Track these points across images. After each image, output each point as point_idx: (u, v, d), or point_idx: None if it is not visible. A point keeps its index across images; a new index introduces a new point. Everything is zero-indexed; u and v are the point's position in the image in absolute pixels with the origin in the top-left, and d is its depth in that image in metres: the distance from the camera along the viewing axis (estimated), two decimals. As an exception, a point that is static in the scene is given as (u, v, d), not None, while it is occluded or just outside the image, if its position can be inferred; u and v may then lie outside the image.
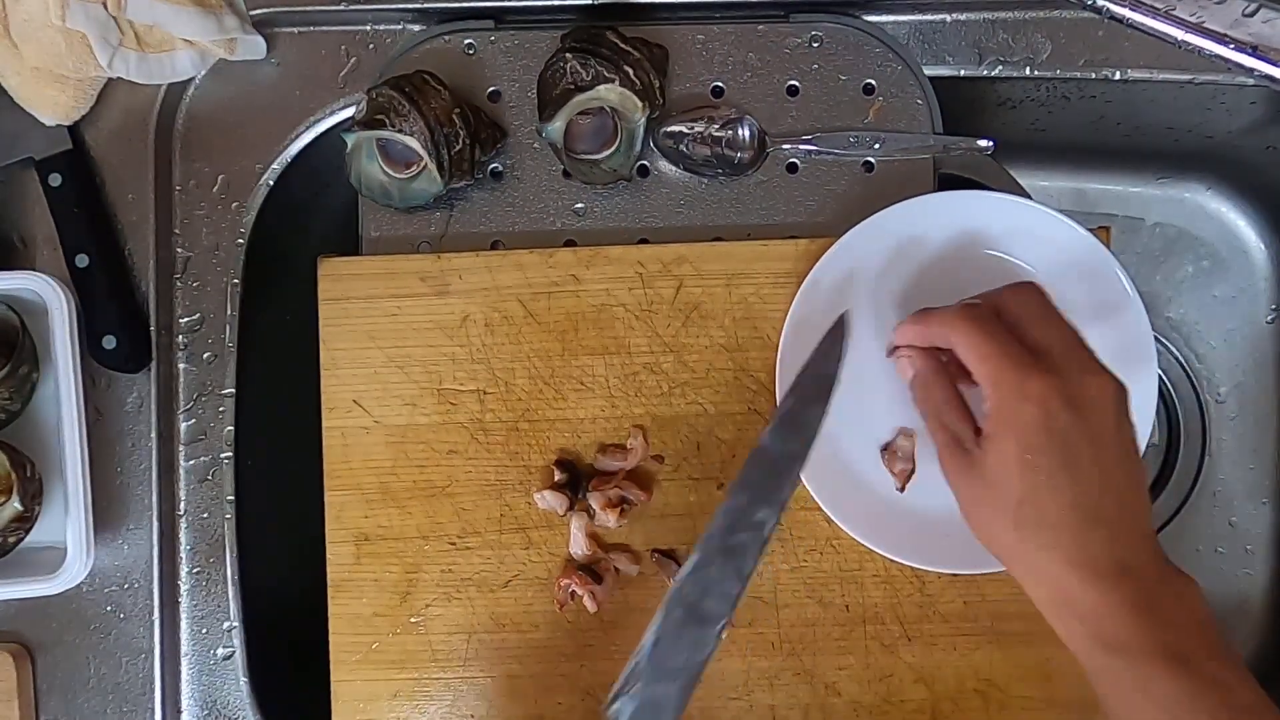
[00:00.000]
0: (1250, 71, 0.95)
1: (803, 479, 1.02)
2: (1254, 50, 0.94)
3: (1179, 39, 0.95)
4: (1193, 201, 1.44)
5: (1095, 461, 0.84)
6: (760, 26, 1.10)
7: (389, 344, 1.06)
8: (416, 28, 1.12)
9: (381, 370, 1.06)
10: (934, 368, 0.95)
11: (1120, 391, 0.87)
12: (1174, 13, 0.94)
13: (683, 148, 1.08)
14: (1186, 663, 0.79)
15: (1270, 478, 1.41)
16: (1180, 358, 1.43)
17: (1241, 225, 1.44)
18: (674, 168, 1.09)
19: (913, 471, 1.04)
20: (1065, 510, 0.83)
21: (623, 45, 1.04)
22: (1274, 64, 0.94)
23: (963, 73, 1.13)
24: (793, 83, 1.10)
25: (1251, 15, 0.94)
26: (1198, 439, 1.42)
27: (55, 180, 1.08)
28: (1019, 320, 0.89)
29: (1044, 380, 0.84)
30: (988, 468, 0.87)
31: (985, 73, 1.13)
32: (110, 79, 1.09)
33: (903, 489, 1.04)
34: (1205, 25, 0.94)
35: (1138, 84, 1.14)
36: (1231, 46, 0.94)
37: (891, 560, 1.04)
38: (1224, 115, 1.25)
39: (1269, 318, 1.43)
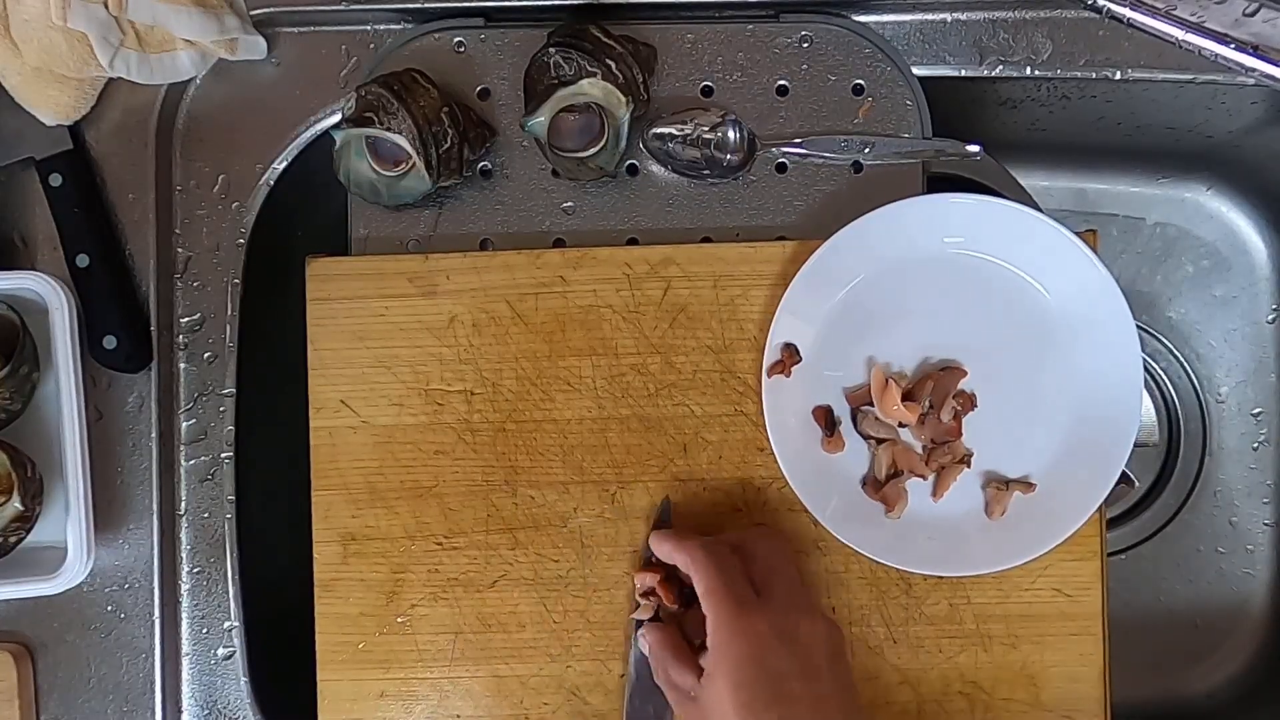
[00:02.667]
0: (1250, 71, 0.91)
1: (788, 480, 0.99)
2: (1254, 50, 0.91)
3: (1179, 39, 0.92)
4: (1193, 201, 1.41)
5: (808, 694, 0.83)
6: (749, 26, 1.06)
7: (377, 344, 1.03)
8: (407, 26, 1.08)
9: (369, 370, 1.03)
10: (666, 639, 0.94)
11: (835, 633, 0.88)
12: (1174, 13, 0.92)
13: (671, 149, 1.05)
14: None
15: (1270, 478, 1.38)
16: (1180, 358, 1.40)
17: (1241, 225, 1.40)
18: (663, 169, 1.05)
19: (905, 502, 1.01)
20: None
21: (606, 40, 1.00)
22: (1274, 64, 0.91)
23: (963, 73, 1.09)
24: (782, 83, 1.06)
25: (1252, 15, 0.91)
26: (1198, 439, 1.39)
27: (56, 180, 1.05)
28: (755, 559, 0.91)
29: (760, 619, 0.85)
30: (706, 703, 0.86)
31: (986, 73, 1.09)
32: (111, 79, 1.06)
33: (897, 517, 1.01)
34: (1206, 25, 0.91)
35: (1138, 84, 1.09)
36: (1232, 46, 0.91)
37: (877, 562, 1.00)
38: (1224, 115, 1.22)
39: (1269, 318, 1.39)
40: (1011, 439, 1.00)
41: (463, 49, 1.06)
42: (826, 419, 1.00)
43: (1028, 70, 1.08)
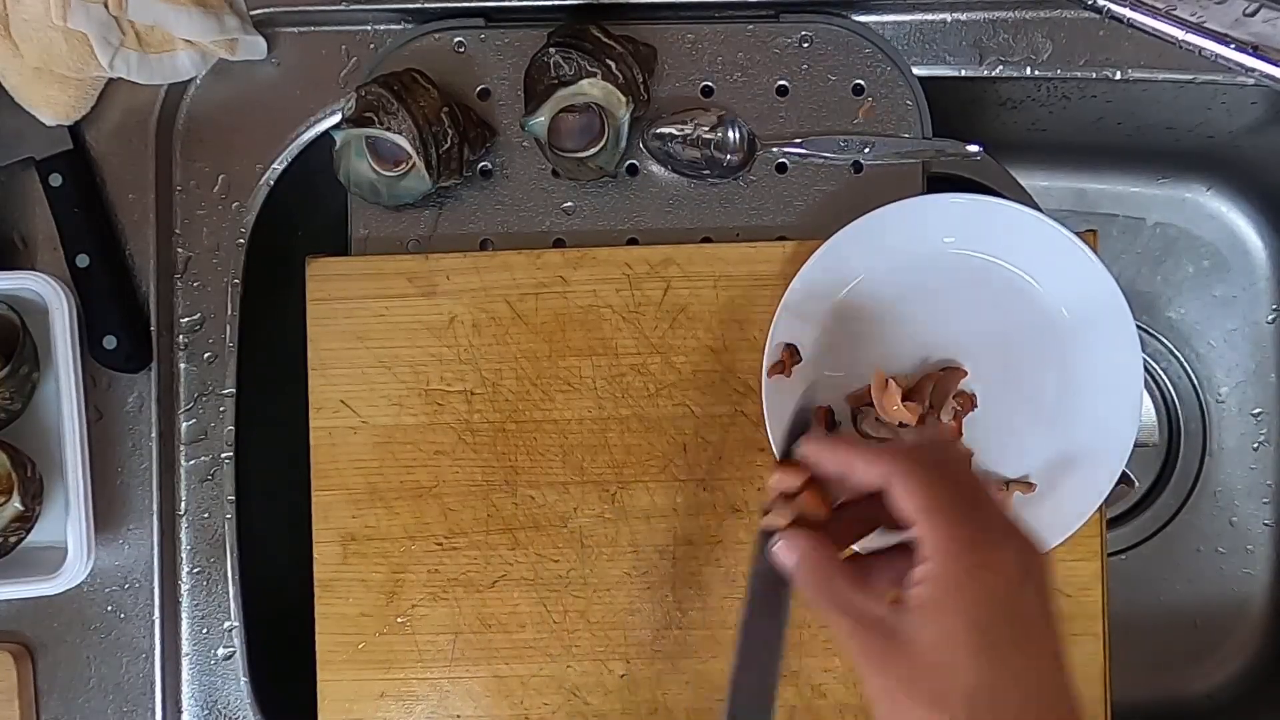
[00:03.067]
0: (1250, 71, 0.91)
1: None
2: (1255, 50, 0.90)
3: (1179, 39, 0.91)
4: (1193, 201, 1.40)
5: (1050, 644, 0.71)
6: (750, 26, 1.06)
7: (376, 344, 1.03)
8: (407, 26, 1.08)
9: (369, 370, 1.03)
10: (822, 546, 0.77)
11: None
12: (1174, 13, 0.91)
13: (671, 149, 1.05)
14: None
15: (1270, 478, 1.38)
16: (1180, 358, 1.40)
17: (1241, 225, 1.40)
18: (663, 169, 1.05)
19: None
20: (1029, 702, 0.69)
21: (606, 40, 1.00)
22: (1274, 64, 0.90)
23: (963, 73, 1.09)
24: (782, 83, 1.06)
25: (1252, 15, 0.91)
26: (1198, 439, 1.39)
27: (56, 180, 1.04)
28: (959, 480, 0.74)
29: (1003, 550, 0.70)
30: (923, 651, 0.69)
31: (986, 73, 1.08)
32: (111, 79, 1.05)
33: None
34: (1206, 25, 0.91)
35: (1138, 84, 1.09)
36: (1232, 46, 0.91)
37: None
38: (1224, 115, 1.21)
39: (1269, 318, 1.39)
40: (1012, 439, 1.00)
41: (463, 49, 1.06)
42: (827, 419, 1.00)
43: (1028, 70, 1.08)
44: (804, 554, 0.76)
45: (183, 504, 1.07)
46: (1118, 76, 1.07)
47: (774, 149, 1.05)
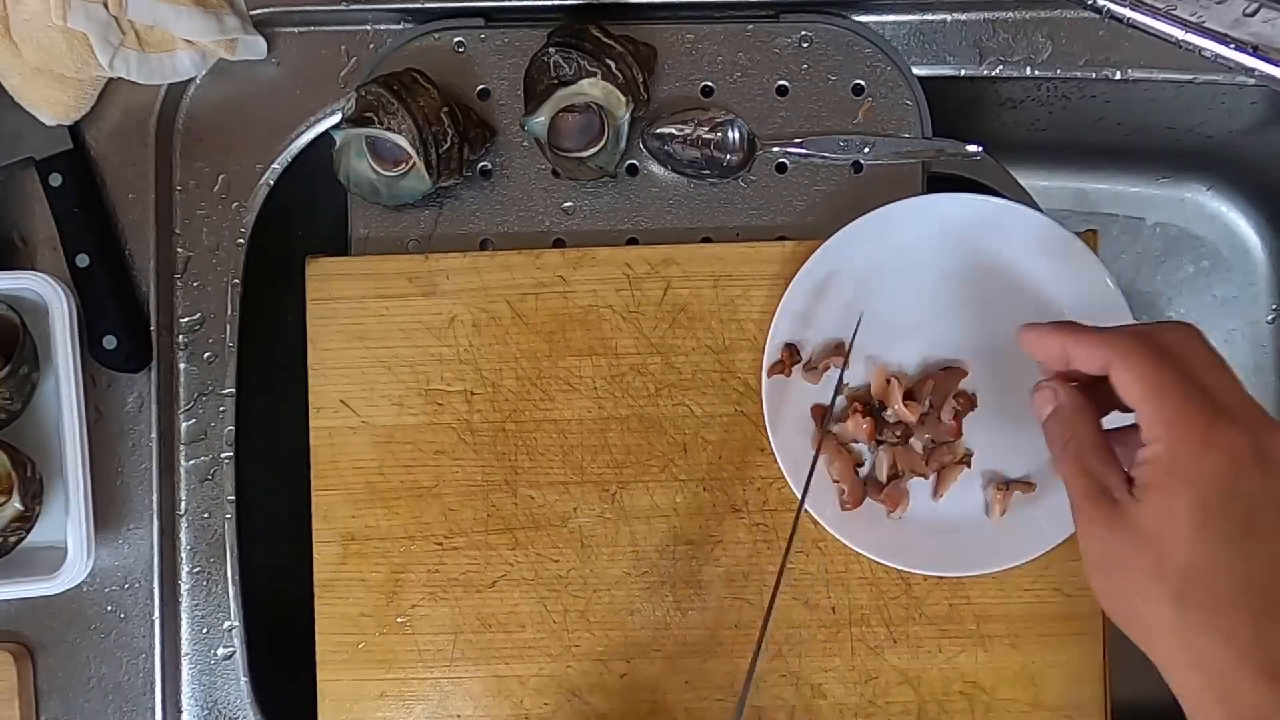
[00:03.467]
0: (1250, 71, 0.90)
1: (789, 481, 0.99)
2: (1254, 50, 0.90)
3: (1179, 39, 0.91)
4: (1193, 201, 1.40)
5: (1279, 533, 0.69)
6: (750, 26, 1.06)
7: (376, 344, 1.03)
8: (407, 26, 1.08)
9: (369, 370, 1.03)
10: (1081, 404, 0.78)
11: None
12: (1174, 13, 0.91)
13: (671, 149, 1.04)
14: None
15: (1271, 479, 1.35)
16: (1181, 358, 1.37)
17: (1241, 225, 1.39)
18: (663, 169, 1.05)
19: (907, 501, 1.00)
20: (1242, 590, 0.67)
21: (605, 40, 1.00)
22: (1274, 64, 0.90)
23: (963, 72, 1.09)
24: (782, 83, 1.06)
25: (1252, 15, 0.90)
26: (1198, 439, 1.36)
27: (56, 180, 1.04)
28: (1185, 359, 0.73)
29: (1233, 430, 0.69)
30: (1145, 524, 0.70)
31: (986, 72, 1.08)
32: (111, 79, 1.06)
33: (898, 517, 1.00)
34: (1206, 25, 0.90)
35: (1138, 84, 1.09)
36: (1232, 46, 0.90)
37: (877, 563, 1.00)
38: (1224, 115, 1.21)
39: (1269, 318, 1.39)
40: (1012, 439, 0.99)
41: (463, 49, 1.06)
42: (824, 418, 0.99)
43: (1028, 70, 1.08)
44: (1061, 404, 0.79)
45: (183, 504, 1.07)
46: (1118, 76, 1.07)
47: (774, 149, 1.04)
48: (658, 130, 1.04)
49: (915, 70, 1.06)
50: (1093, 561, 0.74)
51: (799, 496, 0.97)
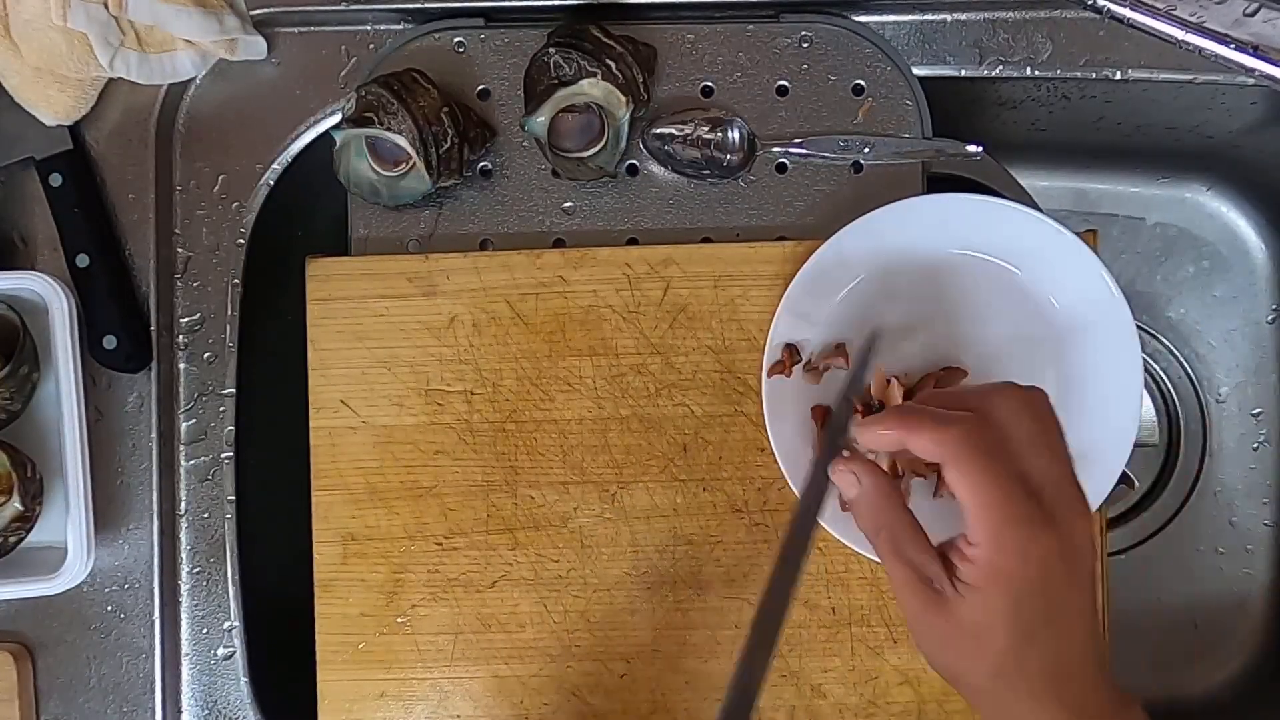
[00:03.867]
0: (1250, 71, 0.90)
1: (788, 480, 0.99)
2: (1255, 50, 0.90)
3: (1179, 39, 0.91)
4: (1193, 201, 1.40)
5: (1079, 612, 0.76)
6: (750, 26, 1.06)
7: (376, 344, 1.03)
8: (407, 26, 1.08)
9: (369, 370, 1.03)
10: (886, 491, 0.81)
11: (1096, 529, 0.81)
12: (1174, 13, 0.90)
13: (671, 149, 1.04)
14: None
15: (1270, 478, 1.38)
16: (1180, 358, 1.39)
17: (1241, 225, 1.40)
18: (663, 169, 1.05)
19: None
20: (1049, 666, 0.76)
21: (606, 40, 1.00)
22: (1274, 64, 0.90)
23: (963, 73, 1.09)
24: (782, 83, 1.06)
25: (1252, 15, 0.90)
26: (1198, 439, 1.38)
27: (56, 180, 1.04)
28: (1013, 440, 0.76)
29: (1046, 540, 0.74)
30: (964, 615, 0.76)
31: (986, 73, 1.08)
32: (111, 79, 1.06)
33: None
34: (1206, 25, 0.90)
35: (1138, 84, 1.09)
36: (1232, 46, 0.90)
37: (878, 563, 0.97)
38: (1224, 115, 1.21)
39: (1269, 318, 1.39)
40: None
41: (463, 49, 1.06)
42: (824, 418, 0.99)
43: (1028, 70, 1.08)
44: (868, 488, 0.81)
45: (183, 504, 1.07)
46: (1118, 76, 1.07)
47: (774, 149, 1.04)
48: (658, 130, 1.04)
49: (915, 70, 1.06)
50: (920, 639, 0.80)
51: (801, 498, 0.96)
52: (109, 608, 1.06)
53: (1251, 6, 0.90)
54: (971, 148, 1.05)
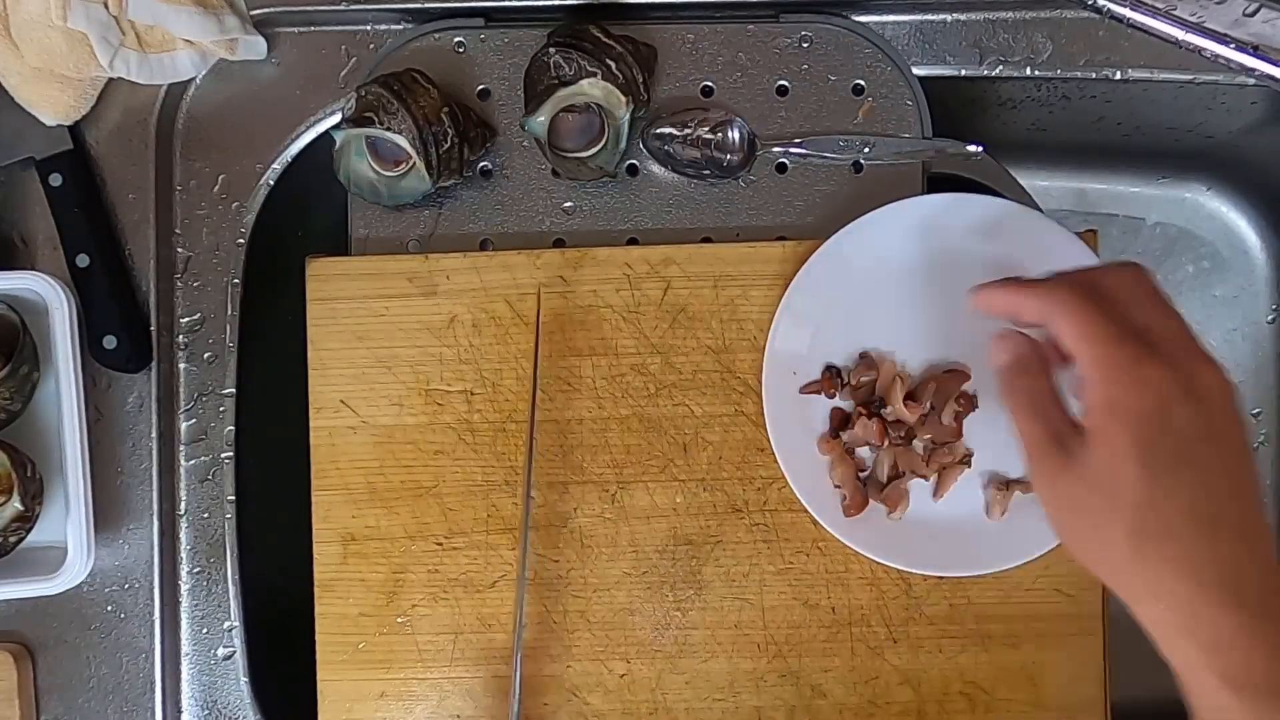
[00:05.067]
0: (1251, 71, 0.91)
1: (788, 480, 0.99)
2: (1255, 50, 0.90)
3: (1179, 39, 0.91)
4: (1193, 201, 1.40)
5: (1217, 461, 0.71)
6: (750, 26, 1.06)
7: (377, 344, 1.03)
8: (407, 26, 1.08)
9: (369, 370, 1.03)
10: (1035, 354, 0.80)
11: (1233, 387, 0.74)
12: (1174, 13, 0.91)
13: (671, 149, 1.04)
14: None
15: (1270, 478, 1.37)
16: (1180, 358, 1.37)
17: (1241, 225, 1.39)
18: (663, 169, 1.05)
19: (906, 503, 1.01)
20: (1190, 517, 0.70)
21: (606, 40, 1.00)
22: (1274, 64, 0.90)
23: (963, 72, 1.09)
24: (782, 83, 1.06)
25: (1252, 15, 0.91)
26: (1198, 439, 1.36)
27: (56, 180, 1.04)
28: (1122, 301, 0.75)
29: (1159, 367, 0.71)
30: (1093, 467, 0.73)
31: (986, 73, 1.08)
32: (111, 79, 1.06)
33: (898, 517, 1.00)
34: (1206, 25, 0.91)
35: (1138, 84, 1.09)
36: (1232, 46, 0.90)
37: (878, 562, 1.00)
38: (1224, 115, 1.21)
39: (1269, 318, 1.39)
40: (1012, 440, 0.99)
41: (463, 49, 1.06)
42: (832, 380, 0.99)
43: (1028, 70, 1.08)
44: (1018, 355, 0.81)
45: (182, 504, 1.07)
46: (1118, 76, 1.07)
47: (774, 149, 1.04)
48: (658, 130, 1.04)
49: (915, 70, 1.06)
50: (1053, 510, 0.77)
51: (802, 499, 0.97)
52: (109, 608, 1.06)
53: (1251, 6, 0.90)
54: (971, 148, 1.05)
